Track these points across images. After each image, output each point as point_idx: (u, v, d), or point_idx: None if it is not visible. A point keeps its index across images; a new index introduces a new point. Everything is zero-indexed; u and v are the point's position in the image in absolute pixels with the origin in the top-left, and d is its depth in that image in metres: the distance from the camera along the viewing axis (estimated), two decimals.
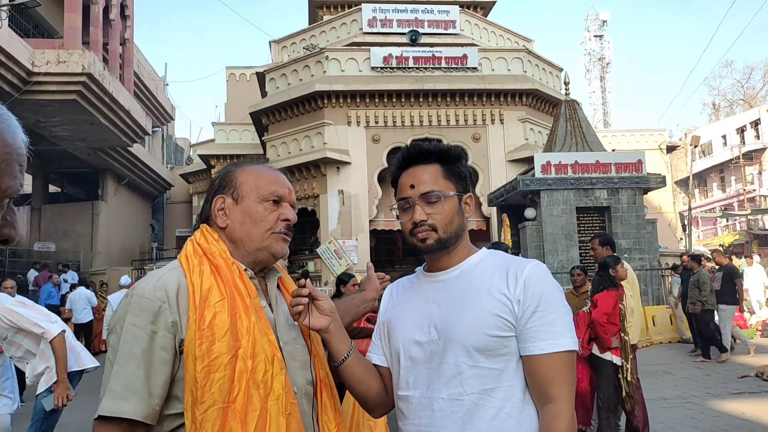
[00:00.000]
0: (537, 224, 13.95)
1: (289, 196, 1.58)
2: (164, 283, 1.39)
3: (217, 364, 1.32)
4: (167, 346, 1.35)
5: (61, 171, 24.62)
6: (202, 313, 1.35)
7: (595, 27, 52.24)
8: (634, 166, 14.13)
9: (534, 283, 1.46)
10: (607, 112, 51.48)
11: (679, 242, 30.37)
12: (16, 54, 13.13)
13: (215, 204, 1.54)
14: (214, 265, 1.44)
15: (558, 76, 21.10)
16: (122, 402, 1.30)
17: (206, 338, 1.33)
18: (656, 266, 14.21)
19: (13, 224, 0.83)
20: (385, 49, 19.12)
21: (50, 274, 15.79)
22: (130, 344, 1.33)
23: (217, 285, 1.40)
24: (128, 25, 20.12)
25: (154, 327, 1.34)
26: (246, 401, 1.31)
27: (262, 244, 1.51)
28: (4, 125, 0.80)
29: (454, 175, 1.59)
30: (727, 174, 39.42)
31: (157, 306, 1.35)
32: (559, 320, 1.45)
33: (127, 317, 1.36)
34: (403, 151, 1.67)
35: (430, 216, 1.55)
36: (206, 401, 1.30)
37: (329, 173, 18.35)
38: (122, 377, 1.32)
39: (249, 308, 1.39)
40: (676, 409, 6.69)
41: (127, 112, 17.64)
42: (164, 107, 30.33)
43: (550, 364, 1.43)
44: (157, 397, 1.33)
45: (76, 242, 22.99)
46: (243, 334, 1.36)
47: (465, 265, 1.57)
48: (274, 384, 1.35)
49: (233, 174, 1.56)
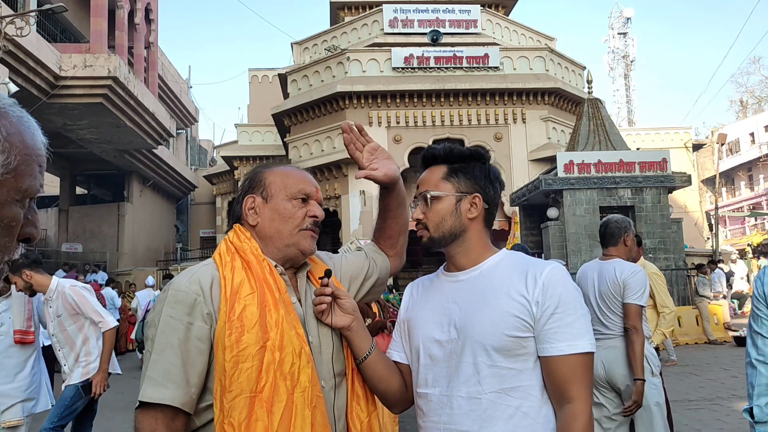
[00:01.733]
0: (560, 224, 13.84)
1: (316, 194, 1.63)
2: (199, 277, 1.46)
3: (246, 355, 1.36)
4: (203, 337, 1.40)
5: (88, 173, 25.05)
6: (232, 305, 1.40)
7: (619, 24, 51.56)
8: (659, 165, 13.94)
9: (553, 285, 1.48)
10: (631, 111, 50.81)
11: (706, 242, 29.86)
12: (44, 59, 13.40)
13: (246, 203, 1.59)
14: (246, 261, 1.49)
15: (581, 74, 20.90)
16: (161, 389, 1.35)
17: (236, 329, 1.38)
18: (682, 266, 14.02)
19: (34, 223, 0.85)
20: (406, 50, 19.11)
21: (77, 274, 16.07)
22: (167, 335, 1.39)
23: (248, 279, 1.45)
24: (153, 29, 20.42)
25: (191, 318, 1.40)
26: (273, 392, 1.35)
27: (291, 240, 1.55)
28: (23, 127, 0.82)
29: (458, 176, 1.61)
30: (755, 172, 38.68)
31: (193, 298, 1.41)
32: (578, 322, 1.47)
33: (164, 310, 1.42)
34: (421, 153, 1.75)
35: (425, 215, 1.61)
36: (234, 390, 1.34)
37: (351, 174, 18.39)
38: (161, 365, 1.37)
39: (278, 302, 1.44)
40: (702, 410, 6.60)
41: (152, 114, 17.88)
42: (188, 109, 30.68)
43: (569, 365, 1.44)
44: (195, 386, 1.38)
45: (103, 243, 23.38)
46: (272, 326, 1.40)
47: (485, 265, 1.58)
48: (300, 376, 1.38)
49: (262, 174, 1.62)
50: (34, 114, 3.68)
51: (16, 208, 0.80)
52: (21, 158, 0.80)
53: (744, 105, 45.38)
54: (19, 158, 0.80)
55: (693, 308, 12.84)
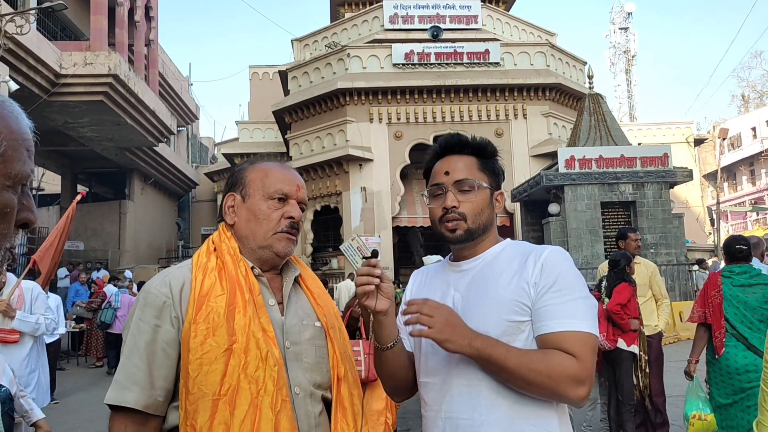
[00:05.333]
0: (561, 220, 13.83)
1: (296, 193, 1.56)
2: (170, 280, 1.44)
3: (210, 357, 1.35)
4: (170, 340, 1.40)
5: (89, 171, 25.04)
6: (200, 307, 1.38)
7: (620, 19, 51.50)
8: (660, 160, 13.93)
9: (551, 266, 1.46)
10: (632, 106, 50.77)
11: (708, 237, 29.83)
12: (44, 57, 13.38)
13: (226, 201, 1.58)
14: (222, 262, 1.47)
15: (582, 69, 20.87)
16: (125, 392, 1.36)
17: (201, 331, 1.36)
18: (683, 261, 14.01)
19: (30, 208, 0.85)
20: (406, 46, 19.09)
21: (79, 272, 16.10)
22: (135, 338, 1.40)
23: (220, 281, 1.43)
24: (153, 27, 20.38)
25: (158, 321, 1.40)
26: (236, 395, 1.33)
27: (265, 243, 1.51)
28: (6, 112, 0.82)
29: (488, 170, 1.61)
30: (757, 167, 38.61)
31: (162, 301, 1.41)
32: (574, 303, 1.43)
33: (135, 312, 1.43)
34: (441, 140, 1.68)
35: (461, 204, 1.55)
36: (196, 392, 1.33)
37: (352, 170, 18.40)
38: (127, 368, 1.38)
39: (248, 304, 1.41)
40: None
41: (153, 112, 17.87)
42: (189, 107, 30.66)
43: (563, 343, 1.40)
44: (161, 389, 1.38)
45: (105, 241, 23.40)
46: (239, 328, 1.37)
47: (488, 254, 1.58)
48: (266, 380, 1.35)
49: (244, 172, 1.59)
50: (34, 112, 3.69)
51: (8, 194, 0.80)
52: (8, 143, 0.80)
53: (746, 99, 45.24)
54: (6, 143, 0.79)
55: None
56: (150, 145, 20.74)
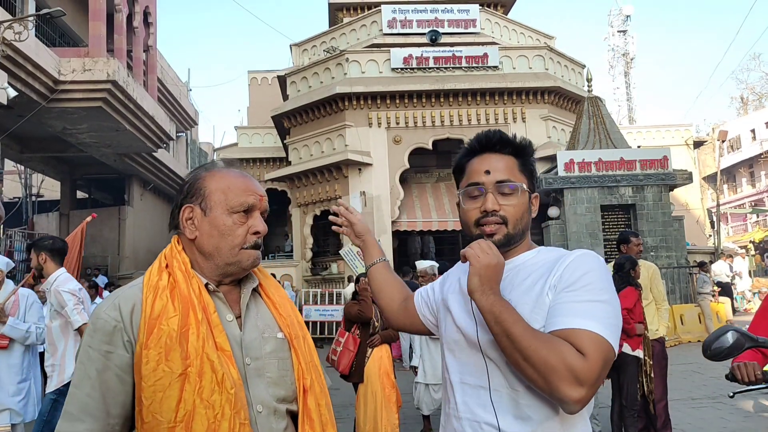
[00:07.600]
0: (561, 223, 13.83)
1: (260, 203, 1.49)
2: (119, 302, 1.36)
3: (164, 384, 1.28)
4: (124, 365, 1.33)
5: (89, 177, 25.04)
6: (150, 331, 1.31)
7: (619, 22, 51.52)
8: (660, 163, 13.94)
9: (574, 266, 1.38)
10: (631, 109, 50.77)
11: (708, 239, 29.84)
12: (43, 63, 13.39)
13: (183, 213, 1.47)
14: (174, 279, 1.39)
15: (580, 72, 20.89)
16: (78, 423, 1.30)
17: (153, 357, 1.29)
18: (684, 264, 14.00)
19: None
20: (405, 50, 19.10)
21: (81, 278, 16.10)
22: (85, 365, 1.33)
23: (172, 300, 1.35)
24: (151, 32, 20.39)
25: (110, 347, 1.33)
26: (192, 421, 1.27)
27: (233, 260, 1.44)
28: None
29: (527, 172, 1.53)
30: (757, 169, 38.63)
31: (112, 326, 1.33)
32: (593, 304, 1.32)
33: (84, 339, 1.36)
34: (479, 135, 1.58)
35: (502, 207, 1.47)
36: (151, 421, 1.28)
37: (351, 175, 18.40)
38: (78, 398, 1.32)
39: (201, 325, 1.33)
40: (705, 409, 6.58)
41: (152, 118, 17.87)
42: (188, 112, 30.67)
43: (574, 338, 1.28)
44: (117, 417, 1.33)
45: (104, 247, 23.38)
46: (192, 352, 1.30)
47: (519, 260, 1.52)
48: (223, 404, 1.29)
49: (202, 181, 1.48)
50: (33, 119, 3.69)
51: None
52: None
53: (744, 102, 45.34)
54: None
55: (695, 306, 12.82)
56: (149, 150, 20.73)
